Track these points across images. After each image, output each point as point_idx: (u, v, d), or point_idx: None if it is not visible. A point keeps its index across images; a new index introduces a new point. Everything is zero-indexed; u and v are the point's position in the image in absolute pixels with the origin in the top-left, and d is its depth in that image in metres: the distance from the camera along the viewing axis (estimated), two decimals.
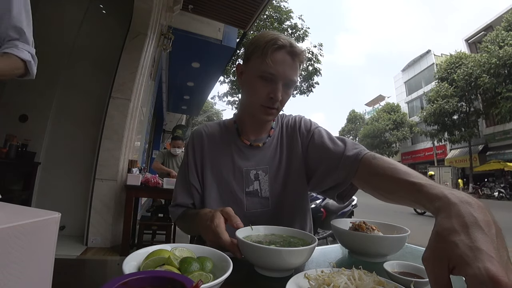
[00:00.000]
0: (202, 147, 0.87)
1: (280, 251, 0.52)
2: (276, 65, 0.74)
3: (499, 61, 15.89)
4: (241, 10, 4.17)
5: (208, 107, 24.11)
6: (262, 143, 0.87)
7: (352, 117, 40.32)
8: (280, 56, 0.75)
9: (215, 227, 0.61)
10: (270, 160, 0.87)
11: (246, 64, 0.81)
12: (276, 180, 0.85)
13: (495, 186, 16.93)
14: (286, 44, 0.75)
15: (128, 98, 3.10)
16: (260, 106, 0.78)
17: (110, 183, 2.96)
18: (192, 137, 0.90)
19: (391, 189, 0.61)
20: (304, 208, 0.89)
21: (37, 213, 0.34)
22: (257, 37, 0.80)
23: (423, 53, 28.20)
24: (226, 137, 0.88)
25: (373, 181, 0.67)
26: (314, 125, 0.90)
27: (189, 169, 0.86)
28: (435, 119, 20.02)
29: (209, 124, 0.93)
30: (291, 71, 0.76)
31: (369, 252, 0.68)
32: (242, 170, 0.84)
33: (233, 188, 0.83)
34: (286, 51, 0.75)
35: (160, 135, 11.24)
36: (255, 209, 0.83)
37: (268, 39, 0.75)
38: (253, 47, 0.78)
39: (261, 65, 0.75)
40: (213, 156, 0.86)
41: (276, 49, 0.74)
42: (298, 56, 0.76)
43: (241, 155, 0.86)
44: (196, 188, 0.85)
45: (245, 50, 0.83)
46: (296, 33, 12.12)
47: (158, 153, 4.32)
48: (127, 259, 0.41)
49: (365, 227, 0.72)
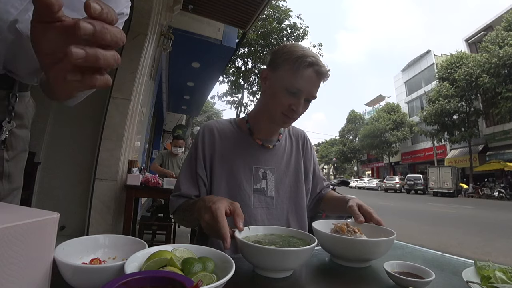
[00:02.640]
0: (213, 141, 0.90)
1: (281, 251, 0.51)
2: (304, 82, 0.80)
3: (499, 61, 15.89)
4: (241, 10, 4.16)
5: (208, 107, 24.11)
6: (272, 145, 0.94)
7: (352, 117, 40.32)
8: (308, 73, 0.80)
9: (215, 209, 0.61)
10: (278, 162, 0.93)
11: (274, 72, 0.85)
12: (281, 181, 0.92)
13: (495, 186, 16.94)
14: (315, 63, 0.80)
15: (128, 98, 3.10)
16: (281, 114, 0.84)
17: (110, 183, 2.96)
18: (203, 131, 0.92)
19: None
20: (304, 209, 0.95)
21: (37, 213, 0.34)
22: (288, 49, 0.84)
23: (423, 53, 28.21)
24: (238, 135, 0.93)
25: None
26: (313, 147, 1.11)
27: (197, 161, 0.88)
28: (435, 119, 20.03)
29: (220, 121, 0.97)
30: (314, 89, 0.83)
31: (351, 257, 0.64)
32: (252, 168, 0.89)
33: (242, 184, 0.86)
34: (313, 70, 0.81)
35: (160, 135, 11.24)
36: (260, 207, 0.87)
37: (299, 54, 0.80)
38: (283, 59, 0.82)
39: (290, 79, 0.80)
40: (224, 151, 0.89)
41: (306, 66, 0.80)
42: (323, 75, 0.83)
43: (252, 153, 0.90)
44: (203, 180, 0.87)
45: (273, 58, 0.87)
46: (295, 33, 12.12)
47: (157, 154, 4.32)
48: (128, 260, 0.41)
49: (347, 230, 0.68)
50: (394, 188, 24.60)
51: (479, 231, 5.91)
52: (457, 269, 0.61)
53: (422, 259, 0.77)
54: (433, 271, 0.51)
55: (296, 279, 0.56)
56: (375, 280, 0.59)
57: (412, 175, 22.74)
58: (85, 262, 0.46)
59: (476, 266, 0.55)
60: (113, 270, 0.40)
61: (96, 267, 0.41)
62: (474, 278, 0.52)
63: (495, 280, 0.49)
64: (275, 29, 11.52)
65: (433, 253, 0.81)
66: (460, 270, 0.54)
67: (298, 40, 12.03)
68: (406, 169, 29.74)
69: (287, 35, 12.04)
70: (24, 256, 0.30)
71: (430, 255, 0.80)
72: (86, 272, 0.39)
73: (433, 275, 0.50)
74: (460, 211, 10.04)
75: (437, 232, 5.82)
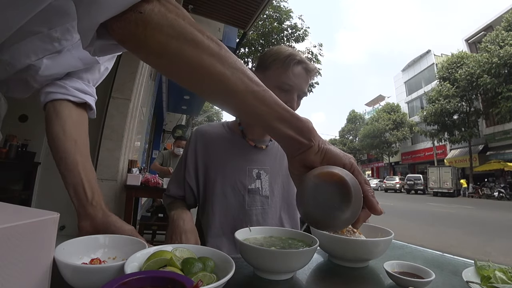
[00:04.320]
0: (206, 145, 0.93)
1: (283, 253, 0.51)
2: (295, 78, 0.84)
3: (500, 60, 15.89)
4: (241, 10, 4.16)
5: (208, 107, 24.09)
6: (265, 146, 0.95)
7: (352, 117, 40.31)
8: (298, 70, 0.86)
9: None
10: (272, 162, 0.95)
11: (264, 74, 0.88)
12: (275, 181, 0.94)
13: (495, 186, 16.94)
14: (303, 60, 0.86)
15: (128, 98, 3.10)
16: None
17: (110, 183, 2.96)
18: (196, 136, 0.95)
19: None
20: (295, 208, 0.97)
21: (36, 213, 0.34)
22: (275, 50, 0.89)
23: (423, 53, 28.20)
24: (231, 137, 0.95)
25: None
26: None
27: (186, 168, 0.92)
28: (435, 119, 20.01)
29: (212, 125, 1.01)
30: (305, 84, 0.88)
31: (349, 257, 0.64)
32: (246, 169, 0.90)
33: (236, 185, 0.88)
34: (302, 67, 0.86)
35: (160, 135, 11.23)
36: (255, 207, 0.88)
37: (288, 53, 0.86)
38: (271, 60, 0.87)
39: (281, 76, 0.84)
40: (218, 154, 0.91)
41: (296, 63, 0.85)
42: (311, 72, 0.88)
43: (245, 155, 0.92)
44: (191, 187, 0.92)
45: (260, 61, 0.92)
46: (296, 33, 12.11)
47: (157, 154, 4.31)
48: (128, 260, 0.41)
49: (345, 230, 0.68)
50: (394, 188, 24.60)
51: (479, 231, 5.91)
52: (457, 269, 0.61)
53: (422, 259, 0.77)
54: (433, 271, 0.51)
55: (295, 279, 0.56)
56: (375, 280, 0.59)
57: (412, 175, 22.75)
58: (85, 262, 0.46)
59: (476, 266, 0.55)
60: (113, 270, 0.40)
61: (96, 267, 0.41)
62: (474, 278, 0.52)
63: (495, 280, 0.49)
64: (275, 29, 11.51)
65: (433, 253, 0.81)
66: (460, 270, 0.54)
67: (299, 40, 12.03)
68: (406, 169, 29.73)
69: (287, 36, 12.04)
70: (24, 256, 0.30)
71: (430, 255, 0.80)
72: (86, 272, 0.39)
73: (433, 275, 0.50)
74: (460, 211, 10.04)
75: (437, 232, 5.82)
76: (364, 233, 0.71)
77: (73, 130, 0.67)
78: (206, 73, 0.38)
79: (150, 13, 0.36)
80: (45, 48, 0.60)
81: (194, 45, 0.38)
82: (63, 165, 0.62)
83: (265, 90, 0.41)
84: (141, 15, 0.36)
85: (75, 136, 0.66)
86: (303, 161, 0.40)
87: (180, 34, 0.37)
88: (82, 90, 0.72)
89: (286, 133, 0.40)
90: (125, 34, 0.37)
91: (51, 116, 0.68)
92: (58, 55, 0.63)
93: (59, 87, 0.69)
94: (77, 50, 0.65)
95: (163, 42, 0.37)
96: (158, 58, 0.39)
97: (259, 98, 0.40)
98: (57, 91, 0.69)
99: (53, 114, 0.68)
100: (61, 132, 0.65)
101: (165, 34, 0.36)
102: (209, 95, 0.42)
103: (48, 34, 0.59)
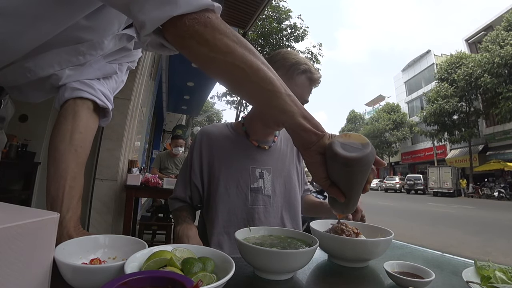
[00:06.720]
0: (211, 145, 0.94)
1: (283, 253, 0.51)
2: (297, 88, 0.85)
3: (501, 60, 15.89)
4: (241, 10, 4.16)
5: (208, 107, 24.12)
6: (268, 146, 0.97)
7: (352, 117, 40.30)
8: (301, 80, 0.87)
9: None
10: (274, 162, 0.97)
11: None
12: (278, 180, 0.95)
13: (495, 186, 16.94)
14: (308, 70, 0.87)
15: (128, 98, 3.10)
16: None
17: (110, 183, 2.95)
18: (201, 136, 0.97)
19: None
20: (296, 208, 0.99)
21: (36, 213, 0.34)
22: (281, 56, 0.90)
23: (423, 53, 28.21)
24: (235, 138, 0.97)
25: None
26: None
27: (192, 168, 0.94)
28: (435, 119, 20.02)
29: (217, 125, 1.03)
30: (307, 93, 0.89)
31: (350, 257, 0.63)
32: (249, 168, 0.92)
33: (239, 184, 0.90)
34: (306, 77, 0.87)
35: (160, 135, 11.23)
36: (257, 205, 0.90)
37: (293, 61, 0.86)
38: (277, 66, 0.86)
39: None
40: (222, 154, 0.93)
41: (300, 73, 0.86)
42: (315, 81, 0.89)
43: (249, 155, 0.94)
44: (196, 186, 0.93)
45: (267, 62, 0.92)
46: (295, 33, 12.11)
47: (155, 157, 4.30)
48: (128, 260, 0.41)
49: (345, 230, 0.68)
50: (394, 188, 24.59)
51: (479, 231, 5.91)
52: (457, 269, 0.61)
53: (422, 259, 0.77)
54: (433, 271, 0.51)
55: (295, 279, 0.56)
56: (375, 280, 0.59)
57: (412, 175, 22.75)
58: (85, 262, 0.46)
59: (476, 266, 0.55)
60: (113, 270, 0.40)
61: (96, 267, 0.41)
62: (474, 278, 0.52)
63: (495, 280, 0.49)
64: (275, 29, 11.52)
65: (433, 253, 0.81)
66: (460, 270, 0.54)
67: (298, 40, 12.04)
68: (406, 169, 29.72)
69: (287, 35, 12.04)
70: (24, 256, 0.30)
71: (430, 255, 0.80)
72: (86, 272, 0.39)
73: (433, 275, 0.50)
74: (460, 211, 10.04)
75: (437, 232, 5.81)
76: (364, 233, 0.71)
77: (81, 136, 0.65)
78: (261, 76, 0.47)
79: (216, 20, 0.45)
80: (70, 60, 0.62)
81: (252, 53, 0.47)
82: (52, 170, 0.60)
83: (293, 94, 0.50)
84: (209, 19, 0.44)
85: (80, 142, 0.64)
86: (319, 149, 0.48)
87: (241, 42, 0.47)
88: (106, 95, 0.72)
89: (307, 127, 0.48)
90: (190, 31, 0.44)
91: (67, 115, 0.65)
92: (80, 67, 0.65)
93: (87, 86, 0.67)
94: (97, 63, 0.68)
95: (230, 46, 0.45)
96: (224, 57, 0.45)
97: (293, 100, 0.49)
98: (84, 89, 0.67)
99: (71, 113, 0.65)
100: (68, 135, 0.63)
101: (231, 40, 0.45)
102: (256, 95, 0.50)
103: (75, 47, 0.61)
